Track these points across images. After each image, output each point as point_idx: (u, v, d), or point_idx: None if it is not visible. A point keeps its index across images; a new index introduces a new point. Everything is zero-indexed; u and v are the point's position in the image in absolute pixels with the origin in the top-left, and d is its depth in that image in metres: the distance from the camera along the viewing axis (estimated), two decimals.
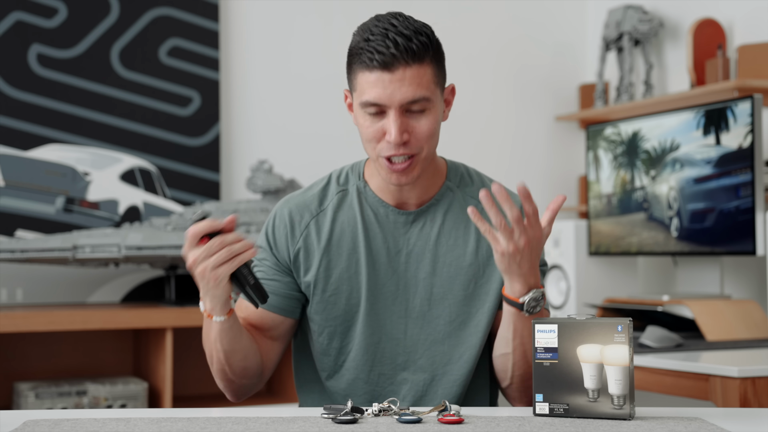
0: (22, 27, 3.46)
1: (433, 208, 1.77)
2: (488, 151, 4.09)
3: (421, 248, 1.75)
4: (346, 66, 1.71)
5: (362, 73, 1.65)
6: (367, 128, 1.67)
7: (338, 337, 1.74)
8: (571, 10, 4.23)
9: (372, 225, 1.75)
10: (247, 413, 1.54)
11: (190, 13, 3.67)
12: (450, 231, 1.76)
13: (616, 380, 1.46)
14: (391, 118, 1.64)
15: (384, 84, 1.62)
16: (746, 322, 2.84)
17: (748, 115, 2.82)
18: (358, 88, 1.66)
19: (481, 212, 1.71)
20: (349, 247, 1.74)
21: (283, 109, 3.80)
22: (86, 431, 1.39)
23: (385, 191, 1.76)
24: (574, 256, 3.47)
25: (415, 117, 1.66)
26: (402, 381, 1.74)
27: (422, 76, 1.64)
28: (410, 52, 1.62)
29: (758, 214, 2.79)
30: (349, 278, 1.73)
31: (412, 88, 1.63)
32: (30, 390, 3.12)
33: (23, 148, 3.45)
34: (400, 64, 1.62)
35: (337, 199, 1.78)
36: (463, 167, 1.83)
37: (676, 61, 3.73)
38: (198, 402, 3.36)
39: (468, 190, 1.80)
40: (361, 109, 1.66)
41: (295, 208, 1.78)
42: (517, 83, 4.14)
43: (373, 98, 1.63)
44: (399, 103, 1.63)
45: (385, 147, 1.66)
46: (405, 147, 1.65)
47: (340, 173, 1.82)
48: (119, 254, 3.21)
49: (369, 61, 1.62)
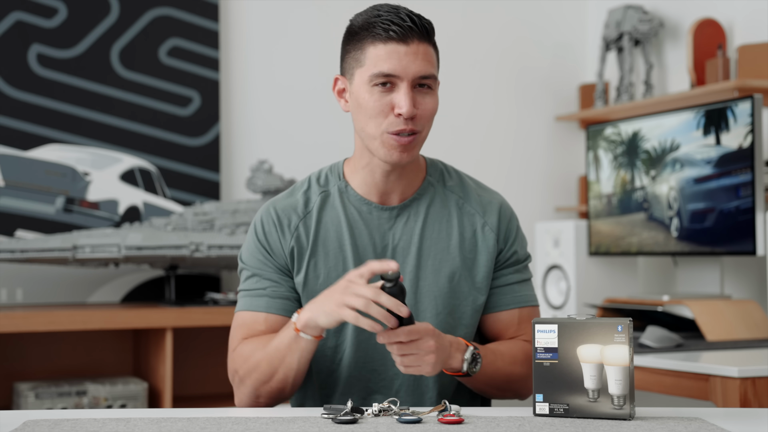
0: (22, 27, 3.46)
1: (416, 203, 1.77)
2: (489, 151, 4.09)
3: (406, 242, 1.76)
4: (344, 48, 1.72)
5: (374, 45, 1.66)
6: (374, 103, 1.66)
7: (332, 335, 1.74)
8: (571, 10, 4.23)
9: (357, 223, 1.76)
10: (247, 413, 1.54)
11: (190, 13, 3.67)
12: (433, 224, 1.77)
13: (616, 380, 1.46)
14: (403, 90, 1.65)
15: (399, 56, 1.64)
16: (746, 322, 2.83)
17: (748, 115, 2.82)
18: (368, 62, 1.66)
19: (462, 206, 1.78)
20: (335, 246, 1.75)
21: (283, 109, 3.80)
22: (86, 431, 1.39)
23: (367, 189, 1.76)
24: (574, 256, 3.47)
25: (422, 94, 1.67)
26: (394, 376, 1.74)
27: (432, 55, 1.68)
28: (423, 29, 1.66)
29: (758, 214, 2.79)
30: (336, 277, 1.73)
31: (425, 64, 1.66)
32: (30, 390, 3.12)
33: (23, 148, 3.45)
34: (415, 38, 1.65)
35: (320, 201, 1.77)
36: (440, 163, 1.85)
37: (676, 61, 3.73)
38: (198, 402, 3.36)
39: (449, 185, 1.81)
40: (368, 84, 1.66)
41: (282, 211, 1.77)
42: (517, 84, 4.14)
43: (388, 69, 1.64)
44: (413, 75, 1.65)
45: (393, 122, 1.66)
46: (412, 122, 1.66)
47: (319, 175, 1.81)
48: (119, 254, 3.21)
49: (384, 32, 1.64)
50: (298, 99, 3.81)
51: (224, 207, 3.40)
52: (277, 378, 1.66)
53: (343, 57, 1.73)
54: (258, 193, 3.50)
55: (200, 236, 3.28)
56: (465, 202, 1.80)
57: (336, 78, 1.75)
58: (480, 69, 4.08)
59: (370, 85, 1.66)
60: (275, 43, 3.80)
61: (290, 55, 3.81)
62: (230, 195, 3.72)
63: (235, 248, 3.28)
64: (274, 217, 1.77)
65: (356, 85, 1.69)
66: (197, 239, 3.27)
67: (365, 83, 1.67)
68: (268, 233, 1.76)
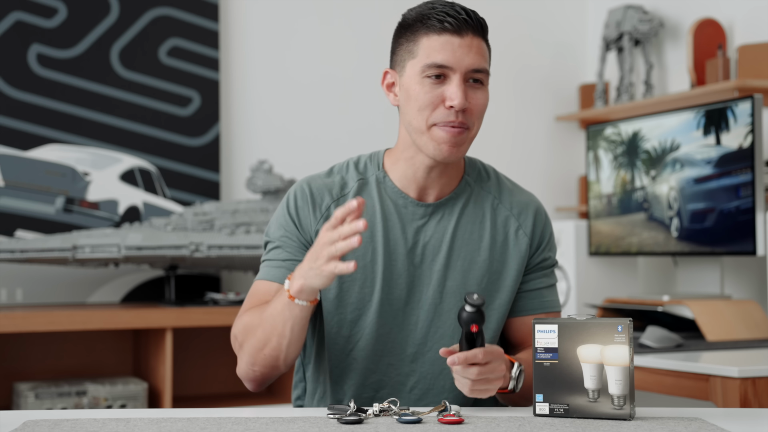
0: (22, 27, 3.46)
1: (452, 202, 1.77)
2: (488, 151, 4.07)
3: (437, 241, 1.75)
4: (396, 40, 1.72)
5: (429, 36, 1.66)
6: (425, 94, 1.66)
7: (348, 325, 1.73)
8: (572, 10, 4.23)
9: (391, 215, 1.75)
10: (247, 413, 1.54)
11: (190, 13, 3.67)
12: (466, 225, 1.76)
13: (617, 380, 1.46)
14: (455, 82, 1.65)
15: (453, 47, 1.65)
16: (746, 322, 2.83)
17: (748, 115, 2.82)
18: (421, 52, 1.66)
19: (497, 208, 1.78)
20: (366, 236, 1.73)
21: (283, 109, 3.80)
22: (86, 431, 1.39)
23: (406, 183, 1.75)
24: (574, 256, 3.47)
25: (474, 89, 1.68)
26: (410, 372, 1.74)
27: (485, 51, 1.70)
28: (477, 23, 1.68)
29: (758, 214, 2.79)
30: (364, 267, 1.72)
31: (479, 57, 1.67)
32: (30, 390, 3.12)
33: (23, 148, 3.44)
34: (469, 31, 1.66)
35: (357, 187, 1.77)
36: (479, 162, 1.85)
37: (676, 61, 3.73)
38: (198, 402, 3.36)
39: (485, 185, 1.81)
40: (420, 75, 1.66)
41: (316, 190, 1.76)
42: (517, 83, 4.14)
43: (441, 60, 1.65)
44: (466, 68, 1.65)
45: (443, 114, 1.66)
46: (463, 115, 1.66)
47: (357, 161, 1.80)
48: (119, 254, 3.21)
49: (439, 23, 1.65)
50: (298, 98, 3.81)
51: (224, 207, 3.40)
52: (271, 346, 1.64)
53: (394, 50, 1.73)
54: (258, 193, 3.50)
55: (200, 236, 3.28)
56: (500, 204, 1.79)
57: (385, 72, 1.75)
58: None
59: (422, 77, 1.66)
60: (275, 43, 3.80)
61: (290, 55, 3.81)
62: (230, 195, 3.72)
63: (235, 248, 3.28)
64: (308, 194, 1.76)
65: (407, 77, 1.69)
66: (197, 239, 3.27)
67: (417, 74, 1.67)
68: (300, 208, 1.75)
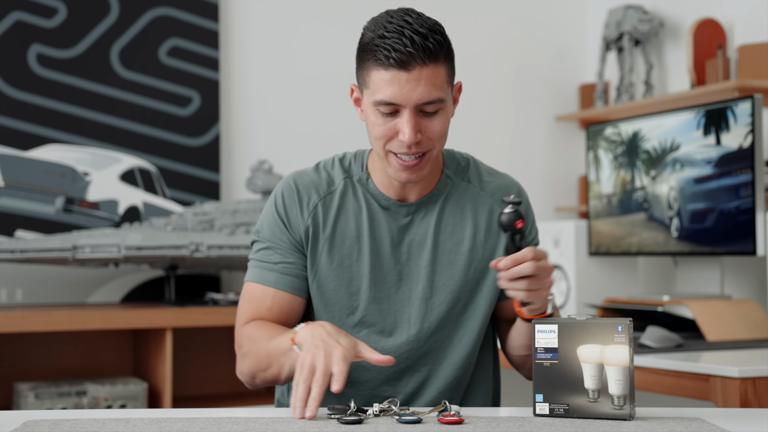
0: (22, 27, 3.46)
1: (434, 198, 1.78)
2: (488, 151, 4.08)
3: (422, 237, 1.76)
4: (356, 60, 1.69)
5: (376, 70, 1.62)
6: (378, 126, 1.65)
7: (338, 323, 1.74)
8: (572, 9, 4.23)
9: (377, 215, 1.76)
10: (247, 413, 1.54)
11: (190, 13, 3.66)
12: (448, 218, 1.78)
13: (617, 380, 1.46)
14: (405, 118, 1.62)
15: (400, 83, 1.60)
16: (746, 322, 2.83)
17: (748, 115, 2.82)
18: (372, 86, 1.64)
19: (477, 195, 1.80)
20: (352, 235, 1.75)
21: (283, 108, 3.80)
22: (86, 431, 1.39)
23: (387, 186, 1.76)
24: (574, 256, 3.46)
25: (428, 117, 1.65)
26: (405, 368, 1.75)
27: (437, 76, 1.63)
28: (426, 51, 1.60)
29: (758, 214, 2.79)
30: (350, 265, 1.74)
31: (428, 89, 1.61)
32: (30, 390, 3.12)
33: (23, 148, 3.44)
34: (416, 63, 1.60)
35: (343, 186, 1.77)
36: (456, 153, 1.85)
37: (676, 61, 3.73)
38: (198, 402, 3.36)
39: (464, 176, 1.82)
40: (373, 108, 1.65)
41: (303, 187, 1.76)
42: (516, 83, 4.14)
43: (388, 97, 1.61)
44: (415, 103, 1.62)
45: (397, 145, 1.65)
46: (417, 146, 1.65)
47: (343, 159, 1.81)
48: (119, 254, 3.21)
49: (385, 59, 1.60)
50: (298, 98, 3.81)
51: (224, 207, 3.40)
52: (272, 371, 1.67)
53: (356, 67, 1.70)
54: (258, 193, 3.50)
55: (200, 236, 3.28)
56: (481, 191, 1.81)
57: (352, 87, 1.74)
58: (479, 68, 4.08)
59: (375, 109, 1.65)
60: (275, 43, 3.80)
61: (290, 55, 3.81)
62: (230, 195, 3.72)
63: (235, 248, 3.28)
64: (295, 192, 1.76)
65: (365, 103, 1.69)
66: (197, 239, 3.27)
67: (370, 106, 1.66)
68: (289, 207, 1.76)
